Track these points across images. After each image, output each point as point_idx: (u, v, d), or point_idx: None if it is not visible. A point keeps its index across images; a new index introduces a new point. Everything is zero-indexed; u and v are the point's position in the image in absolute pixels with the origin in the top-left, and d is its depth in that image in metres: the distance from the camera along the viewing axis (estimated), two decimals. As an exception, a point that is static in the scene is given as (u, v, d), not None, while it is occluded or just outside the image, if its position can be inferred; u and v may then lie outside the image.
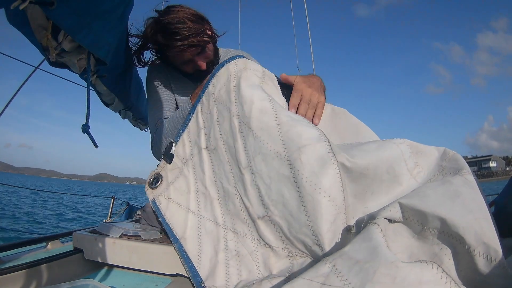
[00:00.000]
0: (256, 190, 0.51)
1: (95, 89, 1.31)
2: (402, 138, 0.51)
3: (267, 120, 0.52)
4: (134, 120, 1.92)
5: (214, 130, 0.59)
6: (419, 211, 0.38)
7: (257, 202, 0.51)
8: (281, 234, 0.49)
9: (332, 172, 0.45)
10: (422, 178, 0.48)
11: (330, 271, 0.33)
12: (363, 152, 0.48)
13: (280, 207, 0.48)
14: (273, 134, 0.50)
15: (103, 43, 0.85)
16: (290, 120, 0.51)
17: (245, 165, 0.53)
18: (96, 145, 0.87)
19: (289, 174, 0.47)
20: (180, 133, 0.65)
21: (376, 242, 0.34)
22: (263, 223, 0.51)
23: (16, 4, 0.57)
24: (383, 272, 0.30)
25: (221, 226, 0.56)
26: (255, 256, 0.51)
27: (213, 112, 0.61)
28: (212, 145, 0.59)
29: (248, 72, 0.62)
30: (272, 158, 0.49)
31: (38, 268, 0.82)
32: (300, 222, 0.45)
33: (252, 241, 0.53)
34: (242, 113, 0.55)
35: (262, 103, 0.54)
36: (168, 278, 0.84)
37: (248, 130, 0.53)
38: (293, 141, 0.48)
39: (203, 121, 0.62)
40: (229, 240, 0.54)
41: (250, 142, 0.53)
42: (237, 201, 0.54)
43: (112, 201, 2.12)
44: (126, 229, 0.92)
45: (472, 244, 0.35)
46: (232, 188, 0.55)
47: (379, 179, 0.46)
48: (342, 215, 0.44)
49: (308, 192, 0.45)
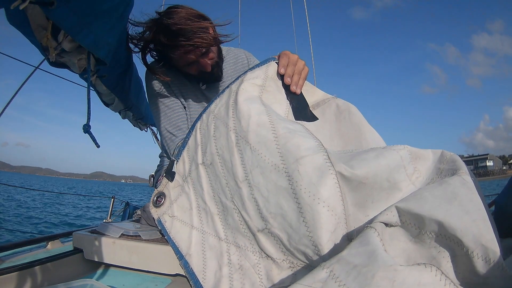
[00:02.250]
0: (254, 203, 0.52)
1: (95, 89, 1.31)
2: (402, 145, 0.50)
3: (265, 133, 0.52)
4: (134, 120, 1.92)
5: (210, 145, 0.60)
6: (416, 215, 0.38)
7: (255, 215, 0.52)
8: (282, 246, 0.49)
9: (331, 182, 0.45)
10: (421, 183, 0.48)
11: (327, 277, 0.33)
12: (363, 161, 0.48)
13: (279, 219, 0.48)
14: (270, 147, 0.51)
15: (103, 43, 0.84)
16: (288, 132, 0.51)
17: (242, 178, 0.53)
18: (97, 145, 0.87)
19: (287, 185, 0.47)
20: (181, 151, 0.66)
21: (373, 246, 0.34)
22: (263, 236, 0.51)
23: (16, 4, 0.57)
24: (382, 276, 0.30)
25: (223, 240, 0.56)
26: (258, 268, 0.52)
27: (210, 127, 0.61)
28: (208, 160, 0.60)
29: (245, 84, 0.62)
30: (270, 170, 0.50)
31: (38, 268, 0.82)
32: (300, 233, 0.45)
33: (254, 254, 0.53)
34: (240, 128, 0.55)
35: (259, 117, 0.55)
36: (168, 278, 0.84)
37: (246, 144, 0.53)
38: (291, 153, 0.48)
39: (201, 137, 0.63)
40: (232, 254, 0.55)
41: (247, 155, 0.53)
42: (236, 215, 0.55)
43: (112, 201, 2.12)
44: (126, 229, 0.92)
45: (470, 246, 0.34)
46: (230, 202, 0.56)
47: (379, 187, 0.46)
48: (342, 225, 0.44)
49: (307, 203, 0.45)
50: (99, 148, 0.89)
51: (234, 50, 1.16)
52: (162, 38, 0.88)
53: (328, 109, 0.67)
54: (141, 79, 1.65)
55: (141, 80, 1.65)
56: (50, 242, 1.14)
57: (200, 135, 0.63)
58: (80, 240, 0.93)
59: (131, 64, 1.37)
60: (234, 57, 1.13)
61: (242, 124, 0.55)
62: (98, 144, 0.87)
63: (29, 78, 0.92)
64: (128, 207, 2.62)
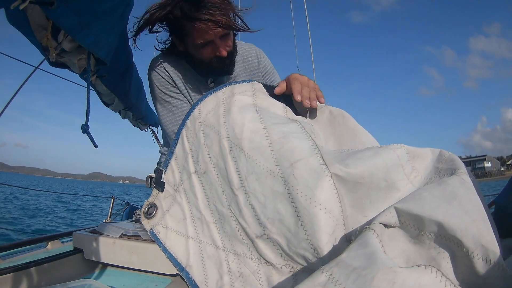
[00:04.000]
0: (251, 210, 0.52)
1: (95, 89, 1.31)
2: (399, 144, 0.50)
3: (259, 140, 0.52)
4: (134, 120, 1.92)
5: (203, 153, 0.59)
6: (415, 216, 0.38)
7: (253, 222, 0.52)
8: (281, 251, 0.49)
9: (327, 184, 0.45)
10: (419, 182, 0.47)
11: (327, 280, 0.33)
12: (358, 160, 0.47)
13: (277, 224, 0.48)
14: (265, 153, 0.51)
15: (103, 43, 0.84)
16: (282, 137, 0.52)
17: (237, 186, 0.53)
18: (95, 145, 0.87)
19: (284, 190, 0.47)
20: (168, 160, 0.65)
21: (372, 248, 0.34)
22: (261, 242, 0.51)
23: (16, 4, 0.57)
24: (381, 278, 0.30)
25: (221, 249, 0.56)
26: (258, 275, 0.52)
27: (199, 135, 0.60)
28: (202, 169, 0.59)
29: (237, 97, 0.62)
30: (266, 176, 0.50)
31: (38, 268, 0.82)
32: (298, 237, 0.46)
33: (253, 260, 0.53)
34: (233, 135, 0.55)
35: (253, 124, 0.55)
36: (168, 278, 0.84)
37: (240, 151, 0.53)
38: (286, 158, 0.49)
39: (189, 146, 0.62)
40: (231, 262, 0.54)
41: (242, 162, 0.53)
42: (233, 222, 0.55)
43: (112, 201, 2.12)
44: (126, 229, 0.92)
45: (470, 247, 0.34)
46: (227, 210, 0.56)
47: (377, 187, 0.46)
48: (341, 226, 0.44)
49: (304, 207, 0.45)
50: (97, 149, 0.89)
51: (244, 46, 1.08)
52: (186, 7, 0.82)
53: (321, 115, 0.68)
54: (141, 79, 1.65)
55: (141, 80, 1.65)
56: (50, 242, 1.14)
57: (189, 143, 0.62)
58: (80, 240, 0.93)
59: (131, 64, 1.37)
60: (243, 54, 1.07)
61: (236, 131, 0.55)
62: (96, 144, 0.87)
63: (29, 78, 0.92)
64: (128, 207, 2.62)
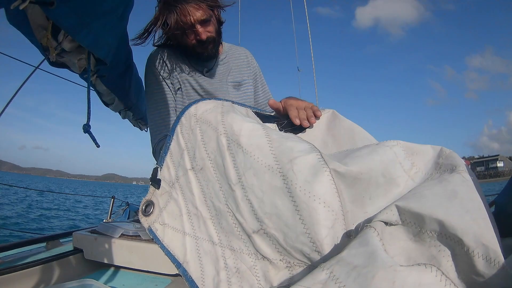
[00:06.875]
0: (248, 205, 0.52)
1: (95, 89, 1.31)
2: (395, 140, 0.51)
3: (258, 137, 0.53)
4: (134, 120, 1.93)
5: (200, 150, 0.59)
6: (417, 214, 0.38)
7: (250, 217, 0.52)
8: (278, 246, 0.49)
9: (325, 179, 0.45)
10: (420, 178, 0.48)
11: (327, 278, 0.33)
12: (356, 158, 0.48)
13: (274, 219, 0.48)
14: (264, 149, 0.51)
15: (103, 43, 0.85)
16: (281, 137, 0.52)
17: (235, 181, 0.53)
18: (97, 145, 0.87)
19: (282, 185, 0.47)
20: (163, 157, 0.65)
21: (373, 247, 0.34)
22: (258, 237, 0.51)
23: (16, 4, 0.57)
24: (382, 277, 0.30)
25: (217, 245, 0.56)
26: (255, 270, 0.52)
27: (196, 132, 0.61)
28: (199, 165, 0.59)
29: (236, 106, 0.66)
30: (264, 171, 0.50)
31: (38, 268, 0.82)
32: (296, 231, 0.46)
33: (250, 256, 0.53)
34: (231, 131, 0.55)
35: (253, 124, 0.56)
36: (168, 278, 0.84)
37: (238, 147, 0.54)
38: (285, 154, 0.49)
39: (185, 142, 0.62)
40: (228, 258, 0.54)
41: (240, 158, 0.53)
42: (230, 218, 0.55)
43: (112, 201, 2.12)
44: (126, 229, 0.92)
45: (470, 246, 0.34)
46: (224, 205, 0.56)
47: (375, 182, 0.46)
48: (340, 221, 0.44)
49: (303, 201, 0.45)
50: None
51: (238, 48, 1.23)
52: None
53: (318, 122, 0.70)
54: (141, 79, 1.65)
55: (141, 80, 1.65)
56: (50, 242, 1.14)
57: (184, 140, 0.63)
58: (80, 240, 0.93)
59: (131, 64, 1.37)
60: (236, 53, 1.22)
61: (234, 129, 0.55)
62: (98, 144, 0.87)
63: (29, 78, 0.92)
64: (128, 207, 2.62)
